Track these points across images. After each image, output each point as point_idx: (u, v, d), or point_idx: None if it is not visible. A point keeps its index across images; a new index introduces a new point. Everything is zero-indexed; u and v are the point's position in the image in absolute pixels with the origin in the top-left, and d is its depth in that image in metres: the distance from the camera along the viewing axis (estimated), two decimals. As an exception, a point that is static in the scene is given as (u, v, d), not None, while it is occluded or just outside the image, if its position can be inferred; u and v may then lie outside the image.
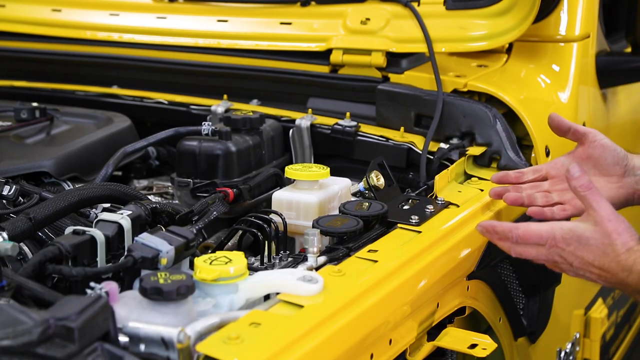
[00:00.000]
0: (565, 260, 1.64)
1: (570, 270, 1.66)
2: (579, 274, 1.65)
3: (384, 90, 2.29)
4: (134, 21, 2.73)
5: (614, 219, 1.61)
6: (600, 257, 1.61)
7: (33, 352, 1.11)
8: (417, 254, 1.60)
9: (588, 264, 1.62)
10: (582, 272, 1.64)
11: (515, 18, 2.23)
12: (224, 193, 1.88)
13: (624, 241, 1.59)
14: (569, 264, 1.64)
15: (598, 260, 1.61)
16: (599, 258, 1.61)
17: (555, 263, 1.66)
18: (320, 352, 1.29)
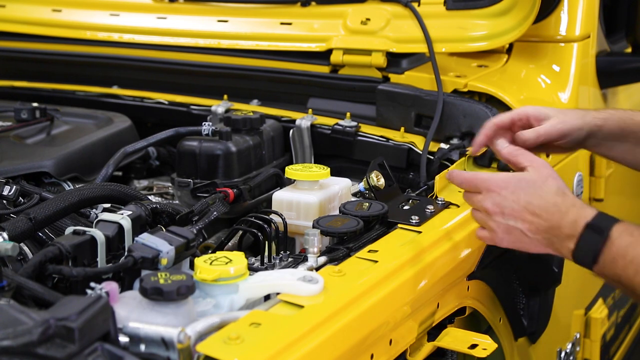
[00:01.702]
0: (498, 207, 1.56)
1: (500, 224, 1.57)
2: (510, 226, 1.56)
3: (384, 91, 2.29)
4: (134, 21, 2.73)
5: (550, 169, 1.58)
6: (535, 199, 1.55)
7: (33, 352, 1.11)
8: (417, 254, 1.60)
9: (522, 209, 1.55)
10: (513, 222, 1.55)
11: (516, 18, 2.23)
12: (224, 193, 1.88)
13: (560, 185, 1.55)
14: (500, 212, 1.56)
15: (533, 202, 1.54)
16: (534, 199, 1.55)
17: (488, 217, 1.59)
18: (320, 352, 1.29)
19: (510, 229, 1.57)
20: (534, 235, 1.56)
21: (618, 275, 1.46)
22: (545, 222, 1.54)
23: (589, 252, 1.49)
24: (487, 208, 1.59)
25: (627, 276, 1.45)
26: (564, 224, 1.53)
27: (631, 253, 1.45)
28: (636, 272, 1.44)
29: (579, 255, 1.51)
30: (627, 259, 1.45)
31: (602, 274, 1.50)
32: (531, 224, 1.55)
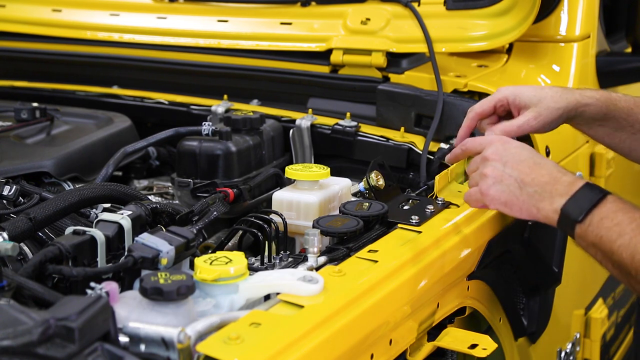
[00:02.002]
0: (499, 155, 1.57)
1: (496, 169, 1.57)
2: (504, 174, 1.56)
3: (384, 91, 2.29)
4: (134, 21, 2.73)
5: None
6: (538, 157, 1.57)
7: (33, 352, 1.11)
8: (417, 254, 1.60)
9: (524, 160, 1.56)
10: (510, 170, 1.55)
11: (516, 18, 2.23)
12: (224, 193, 1.88)
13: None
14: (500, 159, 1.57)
15: (536, 157, 1.57)
16: (537, 157, 1.57)
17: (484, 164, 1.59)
18: (320, 352, 1.29)
19: (504, 177, 1.56)
20: (526, 187, 1.54)
21: (599, 237, 1.46)
22: (543, 177, 1.54)
23: (582, 207, 1.48)
24: (487, 156, 1.59)
25: (609, 238, 1.45)
26: (562, 181, 1.53)
27: (620, 217, 1.46)
28: (619, 235, 1.44)
29: (568, 210, 1.49)
30: (614, 221, 1.45)
31: (584, 234, 1.48)
32: (527, 175, 1.55)
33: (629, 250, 1.43)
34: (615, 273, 1.49)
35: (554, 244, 2.08)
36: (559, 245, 2.09)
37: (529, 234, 1.95)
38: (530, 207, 1.54)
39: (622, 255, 1.44)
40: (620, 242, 1.44)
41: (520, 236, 1.95)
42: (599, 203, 1.48)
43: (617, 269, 1.47)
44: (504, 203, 1.57)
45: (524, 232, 1.95)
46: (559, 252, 2.09)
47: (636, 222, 1.44)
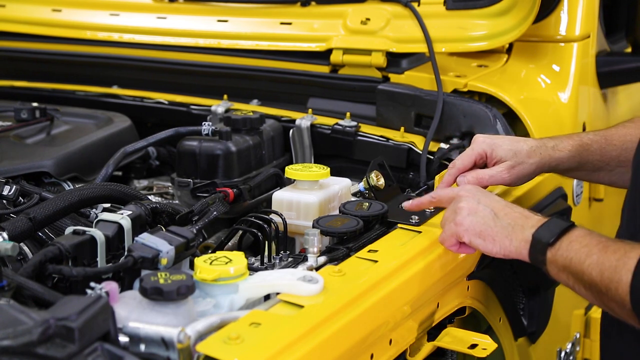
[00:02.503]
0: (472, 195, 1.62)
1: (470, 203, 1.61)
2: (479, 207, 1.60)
3: (384, 90, 2.29)
4: (134, 21, 2.73)
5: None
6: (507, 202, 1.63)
7: (33, 352, 1.11)
8: (417, 254, 1.60)
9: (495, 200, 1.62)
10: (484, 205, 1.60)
11: (516, 18, 2.23)
12: (224, 193, 1.88)
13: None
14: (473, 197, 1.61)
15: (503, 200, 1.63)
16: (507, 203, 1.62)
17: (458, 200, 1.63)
18: (320, 352, 1.29)
19: (479, 209, 1.60)
20: (499, 220, 1.58)
21: (569, 259, 1.50)
22: (515, 213, 1.59)
23: (552, 232, 1.53)
24: (461, 195, 1.64)
25: (579, 259, 1.49)
26: (533, 217, 1.58)
27: (587, 239, 1.51)
28: (587, 255, 1.48)
29: (540, 235, 1.54)
30: (582, 244, 1.50)
31: (554, 258, 1.52)
32: (501, 210, 1.60)
33: (597, 268, 1.47)
34: (589, 297, 1.53)
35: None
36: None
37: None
38: (504, 238, 1.58)
39: (591, 274, 1.48)
40: (589, 262, 1.48)
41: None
42: (568, 230, 1.53)
43: (589, 290, 1.50)
44: (479, 233, 1.59)
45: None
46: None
47: (602, 243, 1.49)
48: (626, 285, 1.43)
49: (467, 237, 1.60)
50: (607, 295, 1.46)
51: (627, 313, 1.46)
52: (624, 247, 1.47)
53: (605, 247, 1.48)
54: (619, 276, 1.44)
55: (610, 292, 1.45)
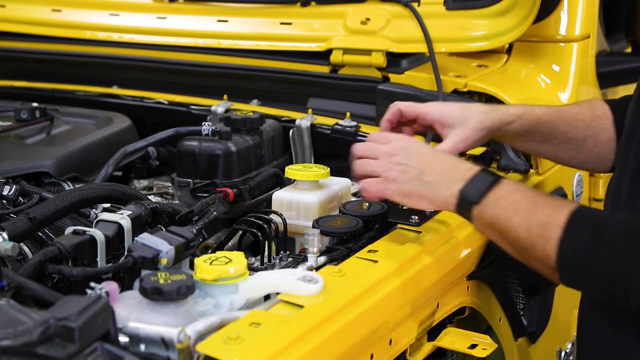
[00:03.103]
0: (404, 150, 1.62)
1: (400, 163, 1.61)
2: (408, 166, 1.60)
3: (384, 91, 2.29)
4: (134, 21, 2.73)
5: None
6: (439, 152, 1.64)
7: (33, 352, 1.11)
8: (417, 254, 1.60)
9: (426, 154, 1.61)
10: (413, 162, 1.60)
11: (516, 18, 2.23)
12: (224, 193, 1.88)
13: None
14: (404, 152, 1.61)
15: (436, 152, 1.63)
16: (437, 152, 1.63)
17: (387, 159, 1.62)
18: (320, 352, 1.29)
19: (405, 169, 1.60)
20: (424, 177, 1.59)
21: (496, 216, 1.51)
22: (441, 166, 1.59)
23: (478, 188, 1.53)
24: (390, 151, 1.63)
25: (505, 216, 1.49)
26: (459, 168, 1.58)
27: (515, 196, 1.51)
28: (515, 212, 1.48)
29: (466, 192, 1.54)
30: (509, 200, 1.50)
31: (480, 215, 1.53)
32: (427, 165, 1.60)
33: (524, 226, 1.47)
34: (512, 252, 1.54)
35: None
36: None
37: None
38: (429, 195, 1.59)
39: (518, 231, 1.48)
40: (517, 219, 1.48)
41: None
42: (495, 185, 1.53)
43: (513, 247, 1.52)
44: (405, 193, 1.60)
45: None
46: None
47: (530, 200, 1.49)
48: (555, 241, 1.43)
49: (395, 197, 1.62)
50: (533, 251, 1.47)
51: (549, 270, 1.47)
52: (554, 202, 1.49)
53: (534, 204, 1.48)
54: (549, 233, 1.44)
55: (537, 249, 1.46)
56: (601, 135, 1.89)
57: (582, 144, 1.90)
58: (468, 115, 1.81)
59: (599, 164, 1.93)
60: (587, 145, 1.90)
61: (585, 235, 1.43)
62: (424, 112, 1.83)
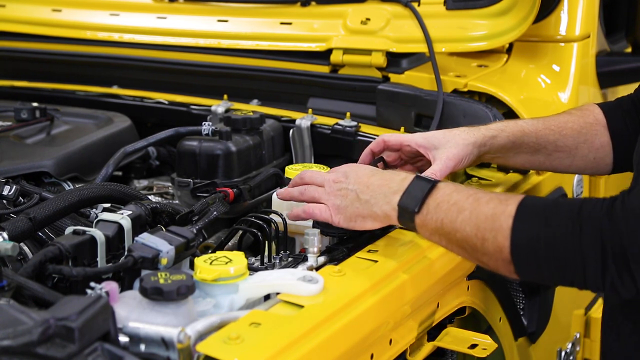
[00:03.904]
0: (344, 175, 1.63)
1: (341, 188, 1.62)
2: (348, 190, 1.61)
3: (384, 90, 2.29)
4: (134, 21, 2.73)
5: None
6: (375, 170, 1.63)
7: (33, 352, 1.11)
8: (417, 254, 1.60)
9: (363, 175, 1.61)
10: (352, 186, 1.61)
11: (516, 18, 2.23)
12: (224, 193, 1.88)
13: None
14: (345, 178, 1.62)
15: (373, 170, 1.63)
16: (374, 170, 1.63)
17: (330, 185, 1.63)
18: (320, 352, 1.29)
19: (346, 193, 1.61)
20: (363, 196, 1.59)
21: (440, 220, 1.48)
22: (378, 181, 1.58)
23: (416, 197, 1.51)
24: (332, 178, 1.64)
25: (450, 218, 1.47)
26: (394, 180, 1.57)
27: (455, 197, 1.48)
28: (459, 212, 1.46)
29: (404, 203, 1.53)
30: (450, 202, 1.48)
31: (424, 223, 1.50)
32: (364, 185, 1.59)
33: (472, 223, 1.44)
34: (462, 254, 1.50)
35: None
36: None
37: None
38: (370, 214, 1.58)
39: (465, 230, 1.45)
40: (462, 218, 1.46)
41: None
42: (432, 190, 1.51)
43: (462, 248, 1.48)
44: (349, 218, 1.60)
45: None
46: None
47: (472, 197, 1.47)
48: (506, 230, 1.40)
49: (342, 224, 1.62)
50: (483, 247, 1.43)
51: (503, 264, 1.43)
52: (498, 196, 1.47)
53: (476, 200, 1.46)
54: (499, 223, 1.41)
55: (487, 243, 1.42)
56: (594, 141, 1.90)
57: (575, 151, 1.90)
58: (450, 136, 1.82)
59: (599, 168, 1.93)
60: (581, 152, 1.90)
61: (537, 221, 1.40)
62: (407, 140, 1.84)
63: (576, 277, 1.37)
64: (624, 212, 1.32)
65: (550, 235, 1.38)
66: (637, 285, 1.32)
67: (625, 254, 1.31)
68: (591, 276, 1.35)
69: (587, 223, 1.35)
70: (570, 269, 1.37)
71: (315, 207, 1.65)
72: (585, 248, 1.34)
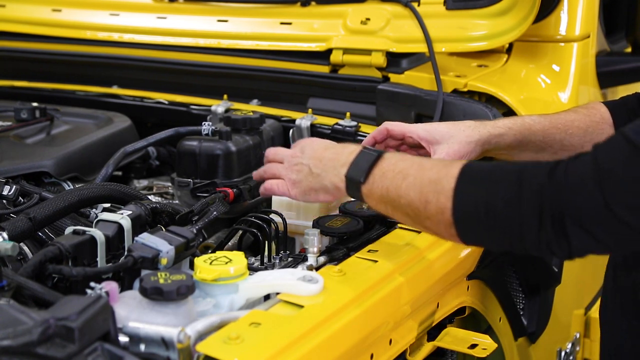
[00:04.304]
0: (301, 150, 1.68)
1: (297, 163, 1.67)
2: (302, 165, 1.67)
3: (384, 90, 2.29)
4: (134, 21, 2.73)
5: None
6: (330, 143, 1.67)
7: (33, 352, 1.11)
8: (417, 254, 1.60)
9: (318, 149, 1.66)
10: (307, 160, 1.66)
11: (516, 18, 2.23)
12: (224, 193, 1.88)
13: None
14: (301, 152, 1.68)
15: (327, 143, 1.67)
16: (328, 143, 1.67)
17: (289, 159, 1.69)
18: (320, 352, 1.29)
19: (301, 168, 1.67)
20: (315, 170, 1.64)
21: (386, 188, 1.50)
22: (329, 155, 1.63)
23: (362, 168, 1.54)
24: (290, 153, 1.71)
25: (395, 185, 1.49)
26: (343, 153, 1.61)
27: (401, 165, 1.51)
28: (404, 178, 1.48)
29: (351, 175, 1.56)
30: (395, 170, 1.50)
31: (370, 192, 1.53)
32: (317, 159, 1.65)
33: (415, 188, 1.46)
34: (407, 220, 1.52)
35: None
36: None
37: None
38: (322, 187, 1.63)
39: (409, 195, 1.47)
40: (406, 184, 1.48)
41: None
42: (379, 160, 1.54)
43: (407, 214, 1.49)
44: (303, 192, 1.67)
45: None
46: (559, 252, 2.09)
47: (417, 163, 1.50)
48: (449, 191, 1.41)
49: (298, 198, 1.68)
50: (426, 210, 1.44)
51: (445, 227, 1.43)
52: (442, 162, 1.50)
53: (421, 166, 1.48)
54: (441, 185, 1.43)
55: (430, 205, 1.43)
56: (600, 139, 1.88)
57: (581, 150, 1.89)
58: (455, 131, 1.81)
59: None
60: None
61: (479, 183, 1.41)
62: (410, 130, 1.84)
63: (515, 239, 1.38)
64: (565, 177, 1.34)
65: (492, 197, 1.38)
66: (571, 248, 1.35)
67: (562, 218, 1.32)
68: (529, 239, 1.36)
69: (528, 187, 1.36)
70: (509, 231, 1.38)
71: (274, 183, 1.72)
72: (524, 211, 1.35)
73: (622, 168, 1.31)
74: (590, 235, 1.32)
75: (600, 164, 1.33)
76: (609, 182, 1.31)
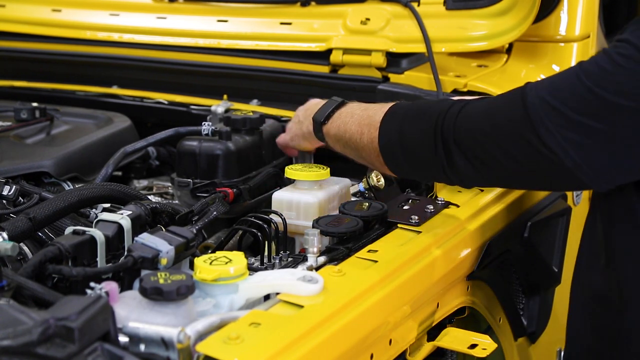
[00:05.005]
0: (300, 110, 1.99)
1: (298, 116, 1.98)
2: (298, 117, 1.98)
3: (384, 91, 2.29)
4: (134, 21, 2.73)
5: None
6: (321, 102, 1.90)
7: (33, 352, 1.11)
8: (417, 254, 1.60)
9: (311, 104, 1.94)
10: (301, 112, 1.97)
11: (515, 18, 2.23)
12: (224, 193, 1.88)
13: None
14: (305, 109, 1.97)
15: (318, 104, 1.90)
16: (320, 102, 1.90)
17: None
18: (320, 352, 1.29)
19: (296, 119, 1.98)
20: (301, 119, 1.96)
21: (337, 127, 1.79)
22: (314, 108, 1.89)
23: (325, 112, 1.83)
24: (297, 112, 2.01)
25: (344, 122, 1.77)
26: (321, 104, 1.88)
27: (355, 109, 1.79)
28: (351, 117, 1.76)
29: (316, 117, 1.84)
30: (349, 113, 1.78)
31: (328, 131, 1.82)
32: (305, 111, 1.95)
33: (355, 122, 1.74)
34: (351, 153, 1.79)
35: (554, 244, 2.08)
36: (559, 245, 2.09)
37: (529, 234, 1.95)
38: (302, 132, 1.94)
39: (351, 129, 1.74)
40: (351, 121, 1.75)
41: (520, 236, 1.95)
42: (341, 106, 1.82)
43: (350, 147, 1.77)
44: (291, 138, 2.01)
45: (524, 232, 1.95)
46: (559, 252, 2.09)
47: (364, 106, 1.77)
48: (377, 122, 1.67)
49: (286, 140, 2.03)
50: (361, 141, 1.71)
51: (374, 154, 1.69)
52: (385, 104, 1.72)
53: (366, 108, 1.76)
54: (374, 118, 1.68)
55: (363, 137, 1.70)
56: None
57: None
58: None
59: None
60: None
61: (400, 116, 1.66)
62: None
63: (422, 165, 1.64)
64: (460, 113, 1.58)
65: (405, 127, 1.64)
66: (461, 175, 1.60)
67: (450, 147, 1.56)
68: (431, 164, 1.61)
69: (433, 117, 1.60)
70: (417, 158, 1.63)
71: (282, 134, 2.06)
72: (425, 139, 1.59)
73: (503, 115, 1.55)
74: (469, 162, 1.55)
75: (491, 102, 1.61)
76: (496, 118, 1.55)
